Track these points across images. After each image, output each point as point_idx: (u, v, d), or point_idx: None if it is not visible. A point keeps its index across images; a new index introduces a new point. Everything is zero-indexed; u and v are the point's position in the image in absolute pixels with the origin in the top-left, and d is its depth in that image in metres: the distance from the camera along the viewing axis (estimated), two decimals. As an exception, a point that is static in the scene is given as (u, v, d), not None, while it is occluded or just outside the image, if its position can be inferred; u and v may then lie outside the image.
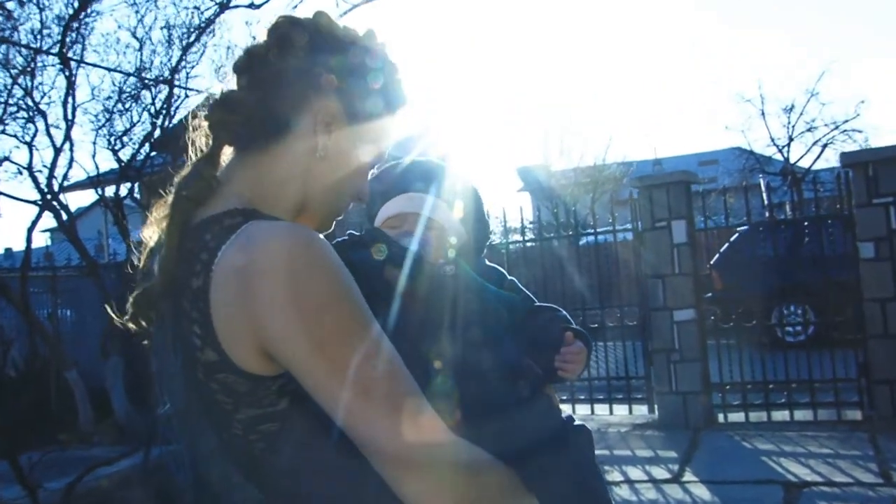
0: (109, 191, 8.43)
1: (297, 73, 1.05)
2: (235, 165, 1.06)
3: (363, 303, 0.92)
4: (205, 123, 1.07)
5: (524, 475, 1.01)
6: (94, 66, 6.79)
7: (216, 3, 7.02)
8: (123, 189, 8.19)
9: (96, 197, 9.00)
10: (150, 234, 1.06)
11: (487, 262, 1.53)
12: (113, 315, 1.08)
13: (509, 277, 1.50)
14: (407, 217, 1.45)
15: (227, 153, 1.08)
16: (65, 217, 7.42)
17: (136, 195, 8.14)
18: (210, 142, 1.06)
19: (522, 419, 1.17)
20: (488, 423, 1.06)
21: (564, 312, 1.46)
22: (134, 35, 7.15)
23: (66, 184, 7.51)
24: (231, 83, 1.08)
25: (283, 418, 0.92)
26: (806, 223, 7.26)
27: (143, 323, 1.03)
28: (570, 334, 1.36)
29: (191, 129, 1.10)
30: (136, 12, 7.31)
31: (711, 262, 9.27)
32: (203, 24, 7.20)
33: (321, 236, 0.93)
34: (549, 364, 1.33)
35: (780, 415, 6.35)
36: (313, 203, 1.08)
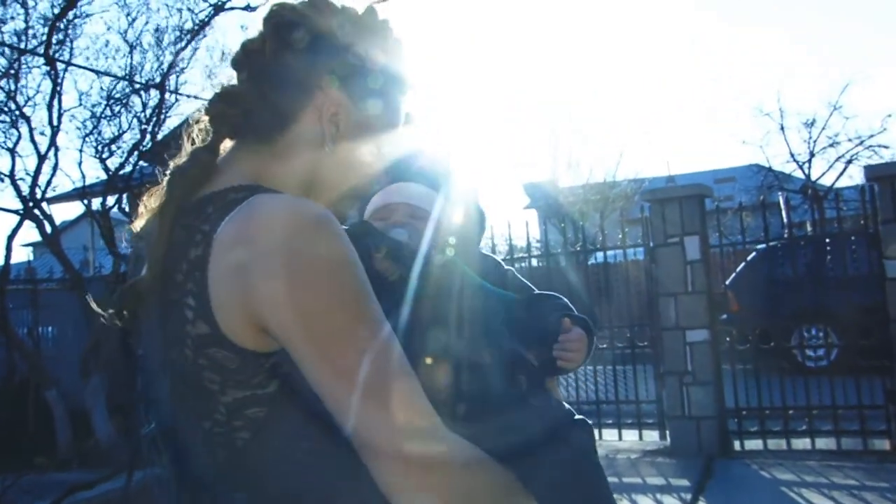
0: (96, 203, 8.44)
1: (298, 64, 1.05)
2: (236, 154, 1.06)
3: (370, 288, 0.91)
4: (205, 118, 1.07)
5: (521, 472, 1.00)
6: (82, 67, 6.83)
7: (210, 6, 7.07)
8: (111, 200, 8.22)
9: (82, 210, 9.02)
10: (142, 223, 1.05)
11: (483, 252, 1.52)
12: (98, 310, 1.06)
13: (507, 267, 1.49)
14: (395, 208, 1.44)
15: (227, 146, 1.08)
16: (48, 228, 7.42)
17: (125, 206, 8.16)
18: (210, 136, 1.06)
19: (519, 414, 1.15)
20: (484, 420, 1.06)
21: (565, 300, 1.44)
22: (124, 38, 7.19)
23: (50, 193, 7.52)
24: (231, 79, 1.09)
25: (272, 403, 0.91)
26: (828, 240, 7.20)
27: (130, 318, 1.02)
28: (568, 321, 1.33)
29: (190, 126, 1.10)
30: (127, 15, 7.34)
31: (727, 283, 9.22)
32: (197, 27, 7.25)
33: (331, 214, 0.92)
34: (548, 355, 1.30)
35: (801, 443, 6.26)
36: (320, 198, 1.08)
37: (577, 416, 1.26)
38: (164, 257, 0.95)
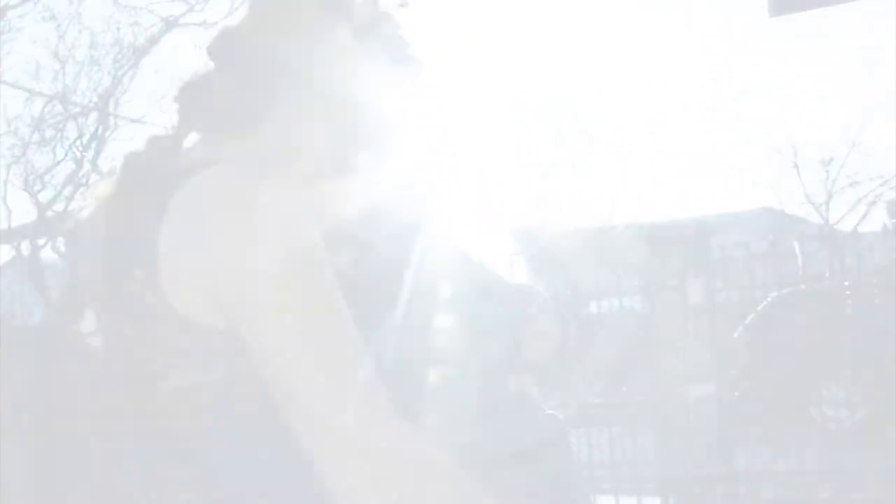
0: (25, 243, 8.35)
1: (277, 64, 1.04)
2: (203, 144, 1.07)
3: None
4: (175, 106, 1.09)
5: (494, 480, 1.03)
6: (7, 84, 6.77)
7: (161, 20, 7.09)
8: (42, 239, 8.12)
9: (10, 255, 8.90)
10: (88, 214, 1.06)
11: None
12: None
13: (476, 261, 1.51)
14: None
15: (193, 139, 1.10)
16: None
17: (59, 246, 8.06)
18: (175, 129, 1.07)
19: (496, 419, 1.13)
20: (458, 424, 1.13)
21: (539, 289, 1.45)
22: (55, 55, 7.17)
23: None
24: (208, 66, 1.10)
25: (215, 394, 0.92)
26: (847, 284, 7.22)
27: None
28: (534, 311, 1.32)
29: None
30: (58, 27, 7.34)
31: (736, 334, 9.22)
32: (145, 44, 7.26)
33: None
34: (516, 349, 1.30)
35: (823, 513, 6.18)
36: None
37: (548, 412, 1.32)
38: (111, 241, 0.96)
